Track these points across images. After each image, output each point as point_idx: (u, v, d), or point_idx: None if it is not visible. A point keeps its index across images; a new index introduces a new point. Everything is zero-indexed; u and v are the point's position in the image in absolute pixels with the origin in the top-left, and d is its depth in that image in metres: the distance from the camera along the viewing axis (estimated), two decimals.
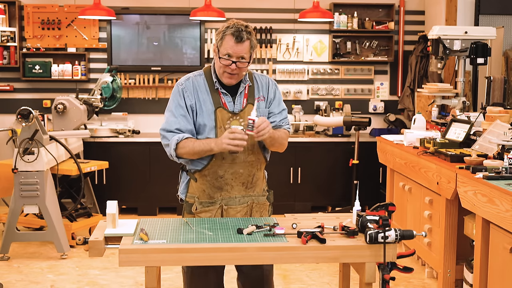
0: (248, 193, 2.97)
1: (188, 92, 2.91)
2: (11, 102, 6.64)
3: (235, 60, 2.81)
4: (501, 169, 3.46)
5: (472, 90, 5.57)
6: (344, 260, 2.56)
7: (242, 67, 2.84)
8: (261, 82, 3.01)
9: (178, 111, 2.91)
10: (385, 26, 6.83)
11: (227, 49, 2.81)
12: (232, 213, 2.94)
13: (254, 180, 2.98)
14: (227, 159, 2.89)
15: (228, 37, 2.80)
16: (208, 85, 2.93)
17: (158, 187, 6.38)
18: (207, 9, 6.10)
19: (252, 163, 2.95)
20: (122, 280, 4.51)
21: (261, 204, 3.01)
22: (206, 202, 2.95)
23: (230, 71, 2.83)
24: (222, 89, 2.91)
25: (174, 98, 2.93)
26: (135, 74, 6.74)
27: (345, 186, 6.44)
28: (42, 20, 6.59)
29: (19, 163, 4.85)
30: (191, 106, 2.90)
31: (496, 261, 3.37)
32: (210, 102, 2.90)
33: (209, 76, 2.94)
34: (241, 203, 2.96)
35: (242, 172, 2.93)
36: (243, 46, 2.81)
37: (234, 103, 2.92)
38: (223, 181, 2.92)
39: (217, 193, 2.94)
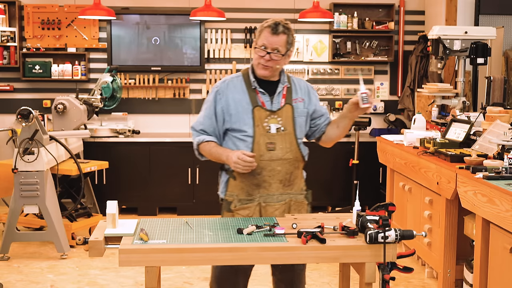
0: (286, 191, 3.02)
1: (221, 94, 3.02)
2: (11, 102, 6.64)
3: (270, 51, 2.91)
4: (501, 169, 3.46)
5: (472, 90, 5.57)
6: (344, 260, 2.56)
7: (276, 60, 2.93)
8: (300, 85, 3.11)
9: (207, 112, 3.04)
10: (385, 26, 6.83)
11: (263, 40, 2.92)
12: (270, 210, 2.98)
13: (292, 178, 3.03)
14: (264, 156, 2.96)
15: (265, 30, 2.93)
16: (246, 85, 3.01)
17: (158, 187, 6.38)
18: (207, 9, 6.10)
19: (290, 161, 3.00)
20: (122, 280, 4.51)
21: (299, 203, 3.06)
22: (244, 199, 3.00)
23: (264, 62, 2.93)
24: (260, 89, 3.00)
25: (208, 100, 3.07)
26: (135, 74, 6.74)
27: (345, 186, 6.44)
28: (42, 20, 6.59)
29: (19, 163, 4.85)
30: (222, 108, 3.01)
31: (496, 261, 3.37)
32: (247, 101, 2.98)
33: (246, 77, 3.04)
34: (279, 200, 3.00)
35: (280, 170, 2.98)
36: (278, 38, 2.91)
37: (272, 102, 2.99)
38: (261, 178, 2.97)
39: (255, 190, 2.99)
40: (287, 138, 2.98)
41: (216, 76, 6.80)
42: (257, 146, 2.95)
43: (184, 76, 6.80)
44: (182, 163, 6.37)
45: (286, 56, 2.96)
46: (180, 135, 6.62)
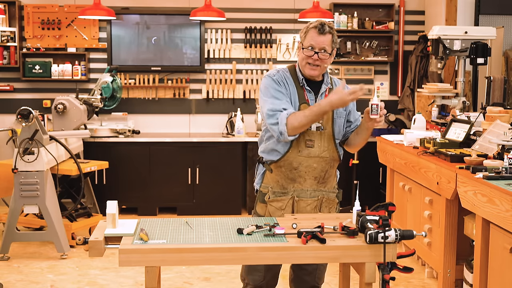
0: (320, 188, 3.08)
1: (281, 82, 3.04)
2: (11, 102, 6.64)
3: (317, 51, 2.96)
4: (501, 169, 3.46)
5: (472, 90, 5.57)
6: (344, 260, 2.56)
7: (324, 59, 2.98)
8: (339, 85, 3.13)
9: (279, 95, 3.01)
10: (385, 26, 6.83)
11: (310, 41, 2.97)
12: (303, 205, 3.04)
13: (326, 176, 3.08)
14: (302, 152, 3.01)
15: (311, 30, 2.97)
16: (294, 80, 3.06)
17: (158, 187, 6.38)
18: (207, 9, 6.10)
19: (326, 160, 3.05)
20: (122, 280, 4.51)
21: (330, 200, 3.11)
22: (279, 192, 3.05)
23: (312, 61, 2.98)
24: (307, 87, 3.04)
25: (270, 86, 3.03)
26: (135, 74, 6.74)
27: (345, 186, 6.43)
28: (42, 20, 6.59)
29: (19, 163, 4.85)
30: (287, 94, 3.03)
31: (496, 261, 3.37)
32: (296, 96, 3.03)
33: (294, 73, 3.08)
34: (312, 196, 3.06)
35: (316, 167, 3.03)
36: (325, 38, 2.97)
37: (315, 101, 3.03)
38: (297, 173, 3.03)
39: (290, 184, 3.05)
40: (326, 137, 3.04)
41: (216, 76, 6.80)
42: (296, 142, 3.00)
43: (184, 76, 6.80)
44: (182, 163, 6.37)
45: (331, 55, 3.02)
46: (180, 135, 6.62)
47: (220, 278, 4.57)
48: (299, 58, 3.04)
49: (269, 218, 2.90)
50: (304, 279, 3.21)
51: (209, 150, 6.40)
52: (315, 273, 3.20)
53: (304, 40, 3.00)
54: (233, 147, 6.43)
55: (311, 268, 3.19)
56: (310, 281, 3.20)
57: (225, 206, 6.39)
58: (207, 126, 6.87)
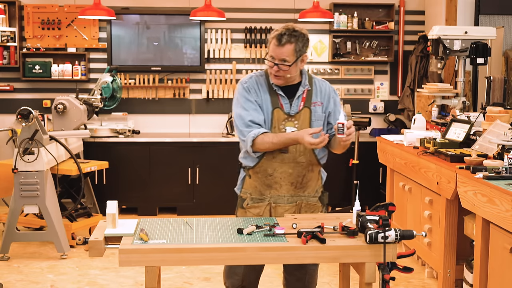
0: (298, 193, 3.04)
1: (252, 89, 2.99)
2: (11, 102, 6.64)
3: (277, 62, 2.89)
4: (501, 169, 3.46)
5: (472, 90, 5.57)
6: (344, 260, 2.56)
7: (285, 70, 2.90)
8: (321, 87, 3.07)
9: (248, 105, 2.98)
10: (385, 26, 6.83)
11: (271, 52, 2.92)
12: (280, 211, 3.01)
13: (304, 181, 3.04)
14: (276, 158, 2.97)
15: (273, 40, 2.91)
16: (268, 85, 3.00)
17: (158, 187, 6.38)
18: (207, 9, 6.10)
19: (303, 164, 3.01)
20: (122, 280, 4.51)
21: (311, 205, 3.08)
22: (256, 198, 3.03)
23: (273, 72, 2.93)
24: (280, 91, 2.98)
25: (241, 95, 3.01)
26: (135, 74, 6.74)
27: (345, 186, 6.44)
28: (42, 20, 6.59)
29: (19, 163, 4.85)
30: (257, 101, 2.98)
31: (496, 261, 3.37)
32: (270, 101, 2.98)
33: (268, 77, 3.02)
34: (290, 202, 3.02)
35: (292, 172, 2.99)
36: (283, 49, 2.88)
37: (290, 105, 2.98)
38: (272, 179, 3.00)
39: (266, 190, 3.03)
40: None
41: (216, 76, 6.79)
42: None
43: (184, 76, 6.80)
44: (182, 163, 6.37)
45: (296, 63, 2.92)
46: (180, 135, 6.62)
47: (220, 278, 4.56)
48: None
49: (269, 218, 2.90)
50: (295, 285, 3.19)
51: (209, 150, 6.40)
52: (305, 279, 3.16)
53: (268, 48, 2.94)
54: (233, 147, 6.40)
55: (300, 274, 3.15)
56: (301, 287, 3.17)
57: (225, 206, 6.36)
58: (207, 126, 6.87)
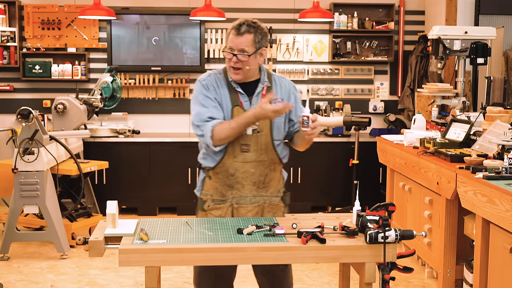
0: (260, 193, 2.98)
1: (211, 87, 2.94)
2: (11, 102, 6.64)
3: (236, 52, 2.84)
4: (501, 169, 3.46)
5: (472, 90, 5.57)
6: (344, 260, 2.56)
7: (244, 60, 2.85)
8: (281, 84, 3.02)
9: (207, 102, 2.91)
10: (385, 26, 6.83)
11: (229, 43, 2.88)
12: (243, 212, 2.95)
13: (267, 181, 2.98)
14: (238, 157, 2.91)
15: (231, 32, 2.88)
16: (227, 83, 2.95)
17: (158, 187, 6.38)
18: (207, 9, 6.10)
19: (265, 163, 2.95)
20: (122, 280, 4.51)
21: (274, 205, 3.01)
22: (218, 199, 2.97)
23: (232, 64, 2.87)
24: (239, 89, 2.93)
25: (199, 93, 2.94)
26: (135, 74, 6.74)
27: (345, 186, 6.44)
28: (42, 20, 6.59)
29: (19, 163, 4.85)
30: (217, 99, 2.93)
31: (496, 261, 3.37)
32: (229, 99, 2.93)
33: (227, 75, 2.97)
34: (252, 202, 2.96)
35: (254, 172, 2.93)
36: (242, 38, 2.84)
37: (250, 103, 2.94)
38: (234, 179, 2.93)
39: (228, 191, 2.96)
40: (263, 140, 2.91)
41: None
42: (231, 147, 2.90)
43: (184, 76, 6.80)
44: (182, 163, 6.36)
45: (256, 55, 2.89)
46: (180, 135, 6.62)
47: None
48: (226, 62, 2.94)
49: (269, 218, 2.89)
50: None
51: None
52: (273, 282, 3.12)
53: (226, 41, 2.91)
54: None
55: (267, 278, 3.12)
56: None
57: None
58: None
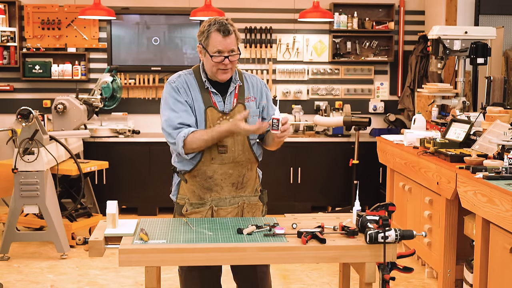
0: (239, 193, 2.95)
1: (182, 89, 2.88)
2: (11, 102, 6.64)
3: (227, 54, 2.80)
4: (501, 169, 3.46)
5: (472, 90, 5.57)
6: (344, 260, 2.56)
7: (234, 60, 2.83)
8: (252, 82, 2.99)
9: (177, 107, 2.86)
10: (385, 26, 6.83)
11: (216, 46, 2.78)
12: (223, 214, 2.92)
13: (244, 181, 2.96)
14: (216, 159, 2.87)
15: (214, 34, 2.78)
16: (198, 84, 2.90)
17: (158, 187, 6.37)
18: (207, 9, 6.10)
19: (242, 164, 2.92)
20: (122, 280, 4.51)
21: (252, 205, 2.98)
22: (196, 203, 2.93)
23: (224, 67, 2.81)
24: (212, 89, 2.89)
25: (170, 95, 2.89)
26: (135, 74, 6.74)
27: (345, 186, 6.44)
28: (42, 20, 6.59)
29: (19, 163, 4.85)
30: (187, 101, 2.88)
31: (496, 261, 3.37)
32: (201, 100, 2.87)
33: (198, 76, 2.92)
34: (232, 203, 2.93)
35: (232, 173, 2.90)
36: (231, 39, 2.79)
37: (224, 102, 2.90)
38: (213, 181, 2.90)
39: (207, 194, 2.92)
40: (239, 140, 2.88)
41: None
42: (208, 150, 2.86)
43: None
44: None
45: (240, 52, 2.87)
46: None
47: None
48: (207, 64, 2.84)
49: (269, 218, 2.89)
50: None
51: None
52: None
53: (208, 45, 2.79)
54: None
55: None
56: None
57: None
58: None
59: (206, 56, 2.83)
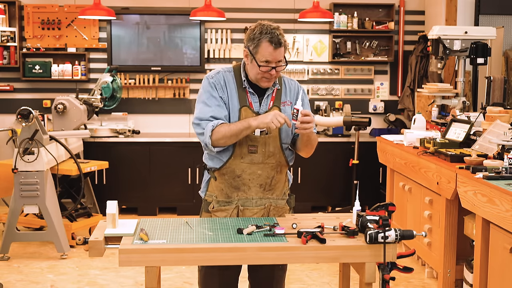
0: (266, 195, 2.94)
1: (219, 85, 2.89)
2: (11, 102, 6.64)
3: (274, 65, 2.79)
4: (501, 169, 3.46)
5: (472, 90, 5.57)
6: (344, 260, 2.56)
7: (281, 71, 2.83)
8: (290, 87, 2.99)
9: (211, 101, 2.87)
10: (385, 26, 6.83)
11: (266, 56, 2.77)
12: (249, 214, 2.92)
13: (273, 183, 2.95)
14: (245, 158, 2.87)
15: (265, 44, 2.76)
16: (236, 82, 2.91)
17: (158, 187, 6.38)
18: (207, 9, 6.10)
19: (272, 166, 2.91)
20: (122, 280, 4.51)
21: (279, 208, 2.97)
22: (223, 201, 2.93)
23: (269, 76, 2.81)
24: (250, 89, 2.89)
25: (205, 90, 2.89)
26: (135, 74, 6.74)
27: (345, 186, 6.44)
28: (42, 20, 6.59)
29: (19, 163, 4.85)
30: (222, 98, 2.88)
31: (496, 261, 3.37)
32: (237, 99, 2.88)
33: (238, 74, 2.92)
34: (258, 205, 2.93)
35: (261, 174, 2.90)
36: (281, 51, 2.78)
37: (260, 104, 2.90)
38: (240, 181, 2.90)
39: (234, 192, 2.92)
40: (271, 142, 2.88)
41: None
42: (238, 148, 2.86)
43: (184, 76, 6.80)
44: (182, 163, 6.37)
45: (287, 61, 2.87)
46: (180, 135, 6.62)
47: None
48: (253, 71, 2.83)
49: (269, 218, 2.89)
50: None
51: None
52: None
53: (256, 53, 2.78)
54: None
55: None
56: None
57: None
58: None
59: (253, 63, 2.82)
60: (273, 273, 3.06)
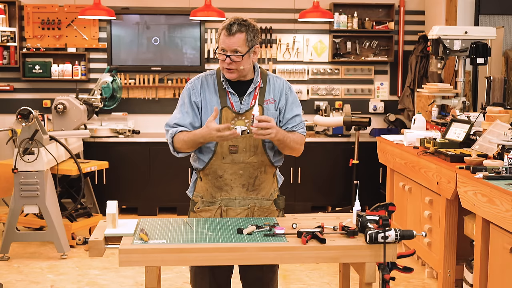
0: (250, 195, 2.93)
1: (195, 90, 2.91)
2: (11, 102, 6.64)
3: (229, 54, 2.79)
4: (501, 169, 3.46)
5: (472, 90, 5.57)
6: (344, 260, 2.56)
7: (237, 61, 2.80)
8: (275, 84, 2.96)
9: (182, 108, 2.93)
10: (385, 26, 6.83)
11: (221, 44, 2.81)
12: (232, 214, 2.91)
13: (257, 183, 2.93)
14: (226, 159, 2.87)
15: (222, 32, 2.81)
16: (217, 84, 2.91)
17: (158, 187, 6.38)
18: (207, 9, 6.10)
19: (254, 165, 2.90)
20: (122, 280, 4.51)
21: (264, 209, 2.95)
22: (207, 201, 2.94)
23: (226, 65, 2.81)
24: (230, 89, 2.89)
25: (181, 96, 2.97)
26: (135, 74, 6.74)
27: (345, 186, 6.44)
28: (42, 20, 6.59)
29: (19, 163, 4.85)
30: (196, 102, 2.89)
31: (496, 261, 3.37)
32: (217, 101, 2.88)
33: (219, 76, 2.92)
34: (242, 205, 2.92)
35: (242, 173, 2.89)
36: (234, 39, 2.78)
37: (241, 103, 2.89)
38: (223, 181, 2.90)
39: (217, 193, 2.92)
40: (252, 141, 2.86)
41: None
42: (219, 148, 2.86)
43: (184, 76, 6.80)
44: (182, 163, 6.32)
45: (249, 54, 2.81)
46: None
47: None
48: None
49: (269, 218, 2.89)
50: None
51: None
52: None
53: (218, 42, 2.84)
54: None
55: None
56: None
57: None
58: None
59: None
60: (262, 274, 3.04)
